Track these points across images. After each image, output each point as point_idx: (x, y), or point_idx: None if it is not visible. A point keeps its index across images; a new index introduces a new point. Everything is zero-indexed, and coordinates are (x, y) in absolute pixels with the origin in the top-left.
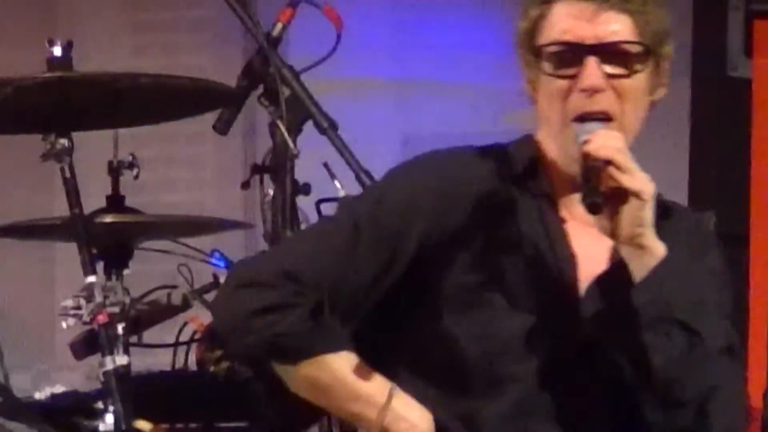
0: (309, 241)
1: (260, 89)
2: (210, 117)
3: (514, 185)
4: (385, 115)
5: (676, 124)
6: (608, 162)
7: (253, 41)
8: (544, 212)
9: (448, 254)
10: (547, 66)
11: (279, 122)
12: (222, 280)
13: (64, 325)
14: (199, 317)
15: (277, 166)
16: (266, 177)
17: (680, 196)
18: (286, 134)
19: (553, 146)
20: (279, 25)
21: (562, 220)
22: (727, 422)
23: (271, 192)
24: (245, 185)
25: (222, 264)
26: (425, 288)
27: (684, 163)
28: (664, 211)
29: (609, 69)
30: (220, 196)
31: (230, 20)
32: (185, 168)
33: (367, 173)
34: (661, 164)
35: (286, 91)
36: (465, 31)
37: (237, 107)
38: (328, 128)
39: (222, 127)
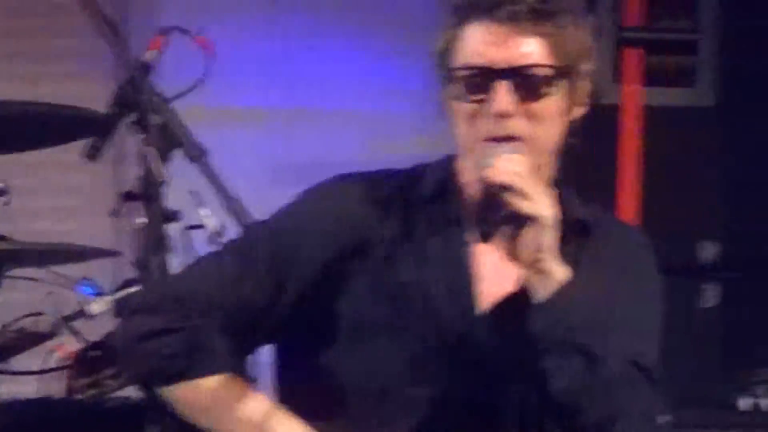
0: (202, 265)
1: (131, 116)
2: (81, 144)
3: (420, 208)
4: (254, 142)
5: None
6: (507, 187)
7: (125, 68)
8: (449, 236)
9: (344, 280)
10: (458, 89)
11: (149, 150)
12: (89, 308)
13: None
14: (66, 345)
15: (147, 193)
16: (136, 204)
17: None
18: (156, 162)
19: (465, 166)
20: (150, 53)
21: (468, 243)
22: None
23: (140, 220)
24: (115, 213)
25: (90, 292)
26: (324, 314)
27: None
28: (582, 228)
29: (520, 93)
30: (90, 224)
31: (102, 48)
32: (56, 196)
33: (237, 201)
34: None
35: (156, 119)
36: (333, 60)
37: (107, 135)
38: (198, 156)
39: (92, 155)
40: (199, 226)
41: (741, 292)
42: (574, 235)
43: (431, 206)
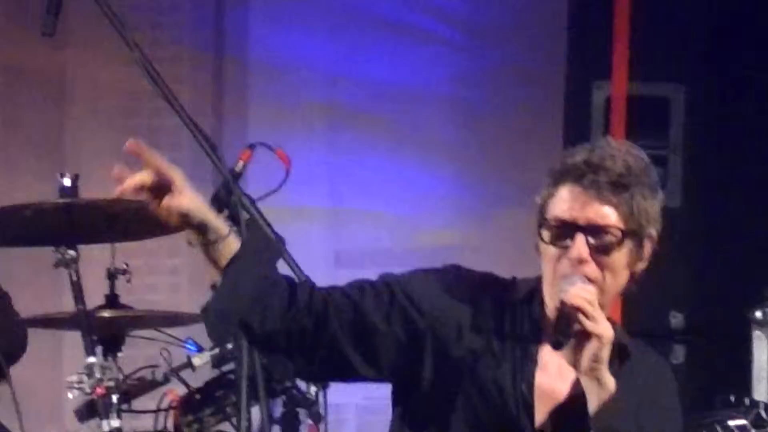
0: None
1: (225, 213)
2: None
3: (512, 309)
4: (320, 236)
5: None
6: (579, 309)
7: (220, 175)
8: (527, 337)
9: (436, 346)
10: (547, 235)
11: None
12: (194, 361)
13: (70, 395)
14: (176, 390)
15: None
16: None
17: None
18: None
19: (547, 292)
20: (240, 163)
21: (541, 345)
22: None
23: None
24: (214, 287)
25: (194, 349)
26: (412, 369)
27: None
28: (623, 354)
29: (595, 246)
30: (194, 296)
31: (202, 159)
32: (166, 274)
33: (309, 279)
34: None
35: (245, 215)
36: (384, 170)
37: None
38: (278, 243)
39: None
40: None
41: (701, 352)
42: (616, 359)
43: (521, 307)
